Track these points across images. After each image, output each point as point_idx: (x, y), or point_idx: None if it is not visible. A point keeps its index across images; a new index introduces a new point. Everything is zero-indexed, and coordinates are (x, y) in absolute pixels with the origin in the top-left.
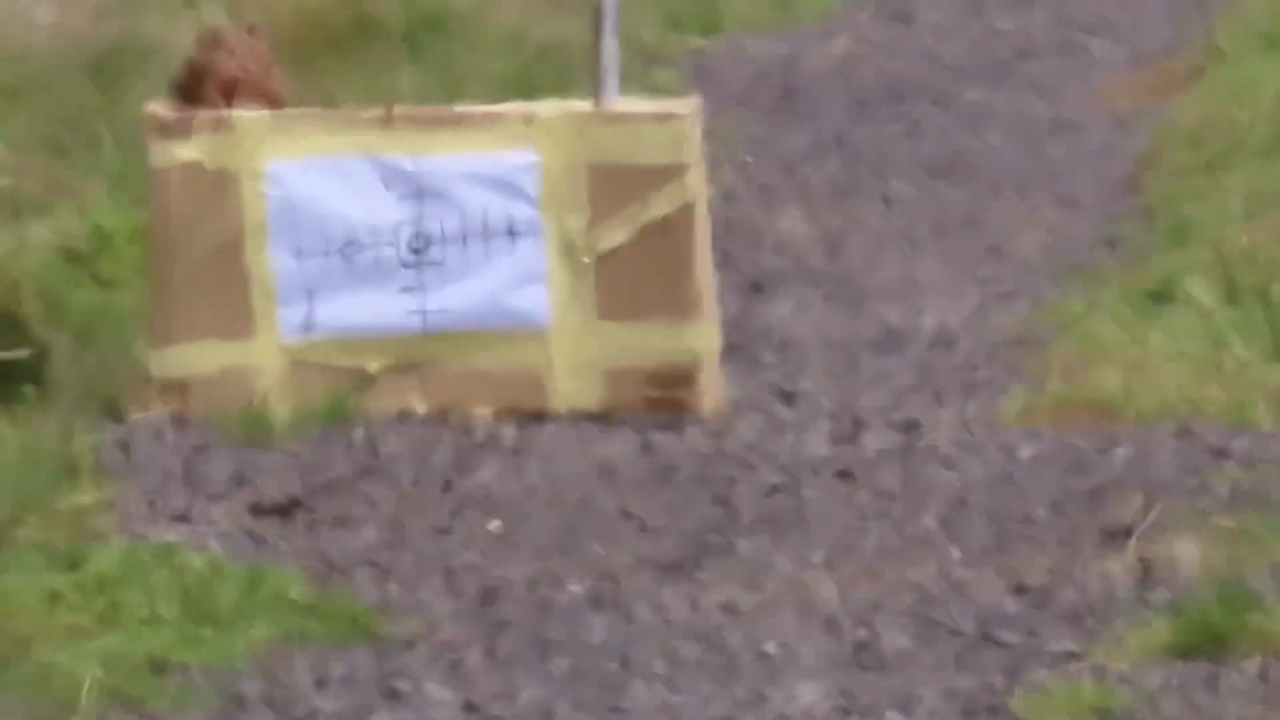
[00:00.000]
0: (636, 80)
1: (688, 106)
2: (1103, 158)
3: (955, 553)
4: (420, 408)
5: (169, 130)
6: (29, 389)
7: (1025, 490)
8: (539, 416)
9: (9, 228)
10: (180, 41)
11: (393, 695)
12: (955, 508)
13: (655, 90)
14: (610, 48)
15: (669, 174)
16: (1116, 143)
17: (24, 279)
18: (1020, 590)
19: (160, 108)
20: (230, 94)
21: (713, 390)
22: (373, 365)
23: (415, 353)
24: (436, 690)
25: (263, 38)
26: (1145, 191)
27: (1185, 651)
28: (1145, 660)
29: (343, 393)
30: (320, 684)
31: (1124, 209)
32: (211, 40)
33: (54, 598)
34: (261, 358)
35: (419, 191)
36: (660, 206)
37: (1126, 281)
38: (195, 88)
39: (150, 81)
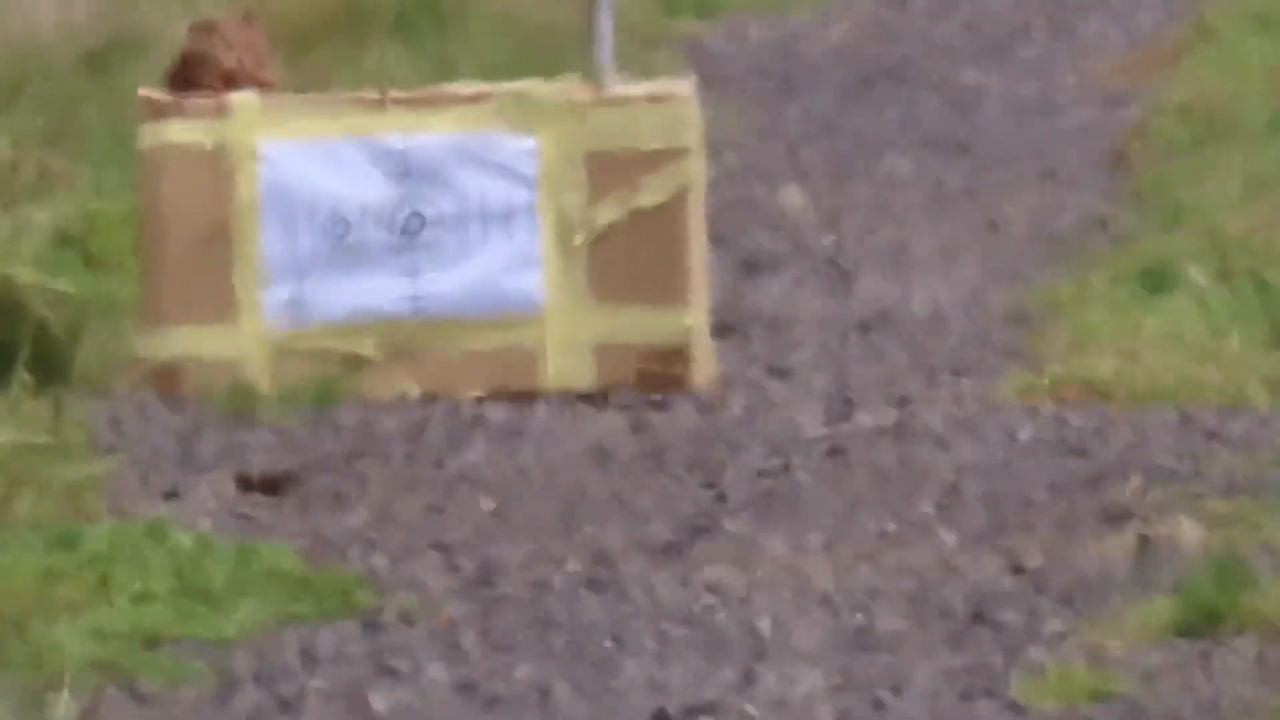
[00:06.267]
0: (633, 63)
1: (685, 89)
2: (1095, 137)
3: (952, 535)
4: (412, 391)
5: (161, 113)
6: (22, 368)
7: (1023, 472)
8: (531, 397)
9: (6, 213)
10: (177, 33)
11: (387, 673)
12: (951, 490)
13: (651, 72)
14: (607, 30)
15: (667, 158)
16: (1109, 122)
17: (20, 263)
18: (1018, 571)
19: (152, 91)
20: (225, 83)
21: (705, 368)
22: (364, 349)
23: (407, 336)
24: (431, 668)
25: (258, 26)
26: (1138, 172)
27: (1182, 631)
28: (1142, 640)
29: (334, 376)
30: (313, 661)
31: (1117, 189)
32: (206, 29)
33: (48, 575)
34: (251, 342)
35: (414, 174)
36: (657, 190)
37: (1120, 265)
38: (190, 77)
39: (147, 73)
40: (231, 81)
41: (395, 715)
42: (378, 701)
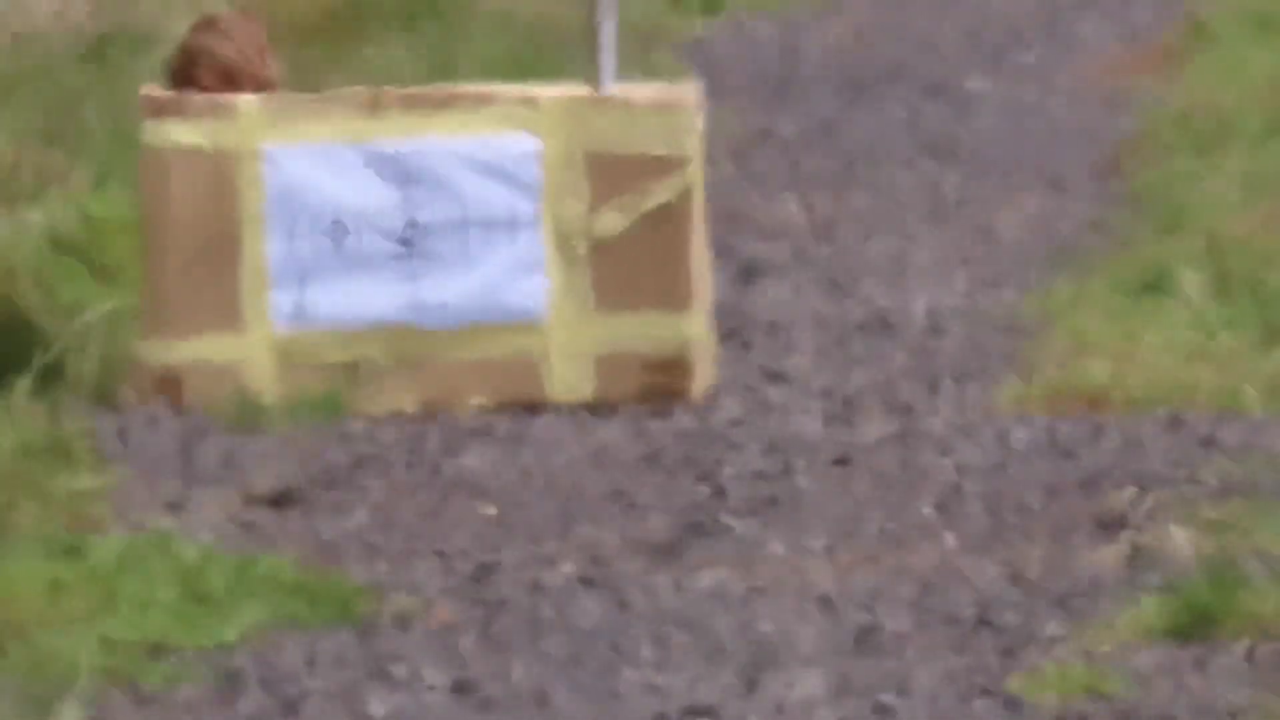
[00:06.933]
0: (635, 62)
1: (690, 94)
2: (1093, 141)
3: (951, 539)
4: (414, 400)
5: (163, 113)
6: (24, 377)
7: (1019, 477)
8: (534, 407)
9: (4, 216)
10: (177, 28)
11: (385, 676)
12: (950, 495)
13: (654, 72)
14: (609, 30)
15: (669, 165)
16: (1106, 125)
17: (19, 267)
18: (1016, 576)
19: (155, 90)
20: (225, 79)
21: (706, 376)
22: (366, 357)
23: (409, 344)
24: (429, 671)
25: (258, 22)
26: (1134, 175)
27: (1176, 633)
28: (1137, 643)
29: (336, 384)
30: (312, 664)
31: (1114, 193)
32: (206, 24)
33: (53, 586)
34: (255, 348)
35: (415, 178)
36: (659, 196)
37: (1117, 270)
38: (190, 72)
39: (147, 69)
40: (232, 77)
41: (392, 719)
42: (375, 705)
